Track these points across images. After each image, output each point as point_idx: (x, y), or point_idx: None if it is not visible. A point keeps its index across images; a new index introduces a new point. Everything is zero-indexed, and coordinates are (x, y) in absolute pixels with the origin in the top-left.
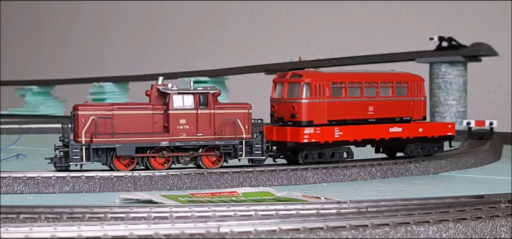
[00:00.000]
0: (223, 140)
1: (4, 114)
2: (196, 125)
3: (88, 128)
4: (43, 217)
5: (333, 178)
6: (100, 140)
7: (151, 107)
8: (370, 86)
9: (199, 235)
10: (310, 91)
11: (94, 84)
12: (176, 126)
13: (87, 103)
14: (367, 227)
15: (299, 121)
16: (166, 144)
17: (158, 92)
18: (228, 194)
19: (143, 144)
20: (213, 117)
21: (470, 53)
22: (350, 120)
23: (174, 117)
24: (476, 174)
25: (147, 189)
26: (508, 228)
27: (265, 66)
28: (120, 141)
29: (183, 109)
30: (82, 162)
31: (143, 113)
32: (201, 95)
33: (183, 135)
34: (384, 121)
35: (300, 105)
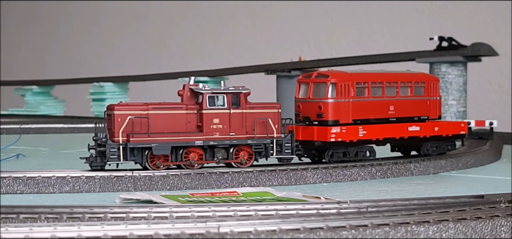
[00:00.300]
0: (254, 139)
1: (4, 114)
2: (229, 124)
3: (125, 127)
4: (43, 217)
5: (333, 178)
6: (137, 140)
7: (185, 107)
8: (390, 86)
9: (199, 235)
10: (336, 91)
11: (94, 84)
12: (210, 125)
13: (122, 103)
14: (367, 227)
15: (326, 120)
16: (200, 143)
17: (191, 92)
18: (228, 194)
19: (179, 143)
20: (245, 117)
21: (470, 53)
22: (373, 119)
23: (208, 117)
24: (476, 174)
25: (147, 189)
26: (508, 228)
27: (265, 66)
28: (156, 140)
29: (216, 109)
30: (119, 161)
31: (178, 113)
32: (233, 95)
33: (217, 134)
34: (403, 120)
35: (326, 105)
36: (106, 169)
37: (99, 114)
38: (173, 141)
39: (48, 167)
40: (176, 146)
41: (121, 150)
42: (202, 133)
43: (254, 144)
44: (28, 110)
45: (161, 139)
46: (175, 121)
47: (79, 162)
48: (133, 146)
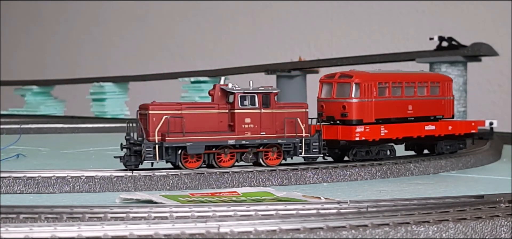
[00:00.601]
0: (284, 138)
1: (4, 114)
2: (260, 124)
3: (161, 127)
4: (43, 217)
5: (333, 178)
6: (172, 139)
7: (217, 106)
8: (409, 86)
9: (199, 235)
10: (360, 91)
11: (94, 84)
12: (241, 124)
13: (156, 103)
14: (367, 227)
15: (350, 119)
16: (233, 143)
17: (222, 91)
18: (228, 194)
19: (212, 142)
20: (275, 117)
21: (470, 53)
22: (393, 119)
23: (240, 117)
24: (476, 174)
25: (147, 189)
26: (508, 228)
27: (265, 66)
28: (191, 140)
29: (248, 109)
30: (155, 160)
31: (211, 112)
32: (264, 95)
33: (248, 133)
34: (421, 119)
35: (350, 105)
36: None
37: (99, 114)
38: (207, 140)
39: (48, 167)
40: (209, 145)
41: (157, 149)
42: (234, 132)
43: (284, 143)
44: (28, 110)
45: (196, 138)
46: (208, 120)
47: (79, 162)
48: (169, 145)
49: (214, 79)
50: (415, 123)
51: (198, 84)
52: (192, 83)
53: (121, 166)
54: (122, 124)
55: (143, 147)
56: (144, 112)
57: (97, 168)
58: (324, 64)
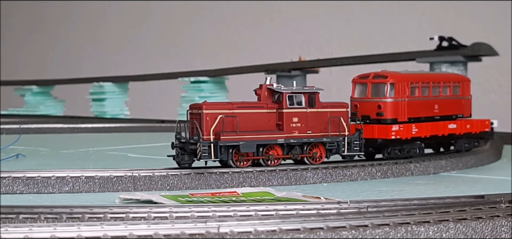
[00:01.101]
0: (329, 137)
1: (4, 114)
2: (306, 123)
3: (216, 126)
4: (43, 217)
5: (333, 178)
6: (227, 138)
7: (266, 106)
8: (435, 86)
9: (199, 235)
10: (394, 91)
11: (94, 84)
12: (289, 124)
13: (208, 103)
14: (367, 227)
15: (385, 118)
16: (282, 141)
17: (268, 91)
18: (228, 194)
19: (263, 141)
20: (319, 116)
21: (470, 53)
22: (422, 117)
23: (288, 116)
24: (476, 174)
25: (147, 189)
26: (508, 228)
27: (265, 66)
28: (243, 138)
29: (295, 108)
30: (210, 158)
31: (261, 112)
32: (309, 95)
33: (296, 132)
34: (445, 118)
35: (386, 104)
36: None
37: (99, 114)
38: (258, 139)
39: (47, 167)
40: (260, 143)
41: (212, 148)
42: (282, 131)
43: (328, 142)
44: (28, 110)
45: (248, 137)
46: (258, 119)
47: (78, 162)
48: (223, 144)
49: (214, 79)
50: (440, 121)
51: (198, 84)
52: (192, 83)
53: (120, 166)
54: (122, 124)
55: (199, 146)
56: (196, 112)
57: (97, 168)
58: (324, 64)
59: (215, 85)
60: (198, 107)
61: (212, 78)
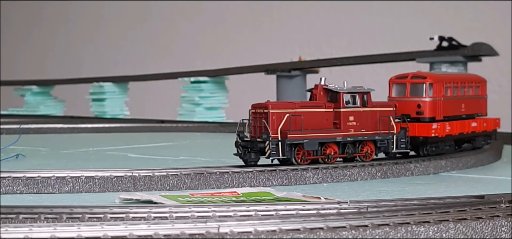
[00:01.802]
0: (380, 135)
1: (4, 114)
2: (360, 121)
3: (283, 125)
4: (43, 217)
5: (333, 178)
6: (294, 136)
7: (324, 105)
8: (462, 86)
9: (199, 235)
10: (433, 91)
11: (94, 84)
12: (346, 122)
13: (273, 102)
14: (367, 227)
15: (424, 117)
16: (340, 140)
17: (324, 91)
18: (228, 194)
19: (324, 139)
20: (372, 115)
21: (470, 53)
22: (453, 116)
23: (345, 115)
24: (476, 174)
25: (147, 189)
26: (508, 228)
27: (265, 66)
28: (308, 137)
29: (352, 108)
30: (278, 156)
31: (320, 111)
32: (363, 94)
33: (352, 130)
34: (469, 117)
35: (425, 103)
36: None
37: (99, 114)
38: (320, 137)
39: (47, 167)
40: (321, 142)
41: (280, 146)
42: (339, 129)
43: (380, 140)
44: (28, 110)
45: (311, 135)
46: (318, 118)
47: (78, 162)
48: (290, 142)
49: (214, 79)
50: (466, 120)
51: (198, 84)
52: (192, 83)
53: (120, 166)
54: (122, 124)
55: (268, 144)
56: (261, 111)
57: (97, 168)
58: (324, 64)
59: (215, 85)
60: (264, 106)
61: (212, 78)
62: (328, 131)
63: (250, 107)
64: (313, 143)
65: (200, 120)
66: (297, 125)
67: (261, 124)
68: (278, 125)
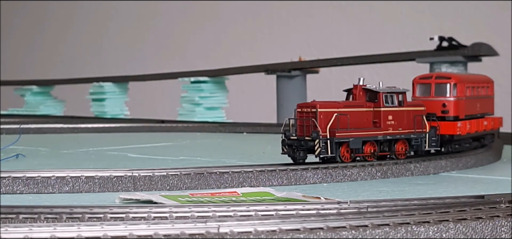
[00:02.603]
0: (415, 133)
1: (4, 114)
2: (398, 120)
3: (332, 123)
4: (43, 217)
5: (333, 178)
6: (342, 134)
7: (365, 105)
8: (477, 86)
9: (199, 235)
10: (456, 91)
11: (93, 84)
12: (386, 121)
13: (320, 102)
14: (367, 227)
15: (449, 116)
16: (381, 138)
17: (362, 91)
18: (228, 194)
19: (366, 137)
20: (407, 114)
21: (470, 53)
22: (471, 115)
23: (385, 114)
24: (476, 174)
25: (147, 189)
26: (508, 229)
27: (265, 66)
28: (353, 135)
29: (390, 107)
30: (327, 154)
31: (363, 110)
32: (400, 94)
33: (390, 129)
34: (481, 116)
35: (450, 103)
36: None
37: (99, 114)
38: (364, 135)
39: (47, 167)
40: (364, 140)
41: (329, 144)
42: (379, 128)
43: (414, 138)
44: (28, 110)
45: (356, 133)
46: (360, 117)
47: (78, 161)
48: (338, 140)
49: (214, 79)
50: (480, 119)
51: (198, 84)
52: (192, 83)
53: (120, 166)
54: (122, 124)
55: (318, 142)
56: (309, 111)
57: (97, 168)
58: (324, 64)
59: (215, 85)
60: (312, 106)
61: (212, 78)
62: (370, 129)
63: (296, 106)
64: (358, 141)
65: (200, 119)
66: (343, 124)
67: (309, 122)
68: (326, 124)
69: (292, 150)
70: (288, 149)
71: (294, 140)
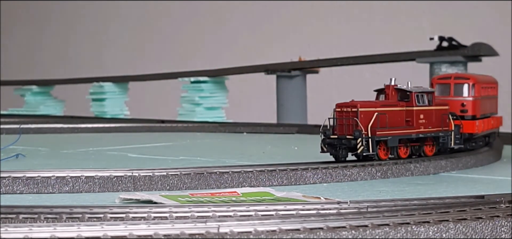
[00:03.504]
0: (442, 132)
1: (4, 114)
2: (428, 119)
3: (373, 122)
4: (43, 217)
5: (333, 178)
6: (382, 133)
7: (398, 104)
8: (487, 87)
9: (199, 235)
10: (474, 91)
11: (94, 84)
12: (418, 120)
13: (361, 101)
14: (367, 227)
15: (468, 115)
16: (414, 137)
17: (394, 91)
18: (228, 194)
19: (402, 136)
20: (436, 113)
21: (470, 53)
22: (483, 115)
23: (417, 113)
24: (476, 174)
25: (147, 189)
26: (508, 229)
27: (265, 66)
28: (391, 134)
29: (422, 107)
30: (369, 152)
31: (397, 109)
32: (429, 94)
33: (422, 128)
34: (489, 116)
35: (469, 102)
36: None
37: (99, 114)
38: (400, 134)
39: (47, 167)
40: (400, 138)
41: (370, 142)
42: (412, 127)
43: (442, 136)
44: (28, 110)
45: (394, 132)
46: (397, 116)
47: (78, 162)
48: (378, 138)
49: (214, 79)
50: (489, 118)
51: (198, 84)
52: (192, 83)
53: (120, 166)
54: (122, 124)
55: (361, 141)
56: (349, 110)
57: (97, 168)
58: (324, 64)
59: (215, 85)
60: (353, 105)
61: (212, 78)
62: (405, 128)
63: (335, 106)
64: (395, 140)
65: (200, 119)
66: (382, 123)
67: (349, 122)
68: (366, 123)
69: (334, 149)
70: (329, 147)
71: (335, 138)
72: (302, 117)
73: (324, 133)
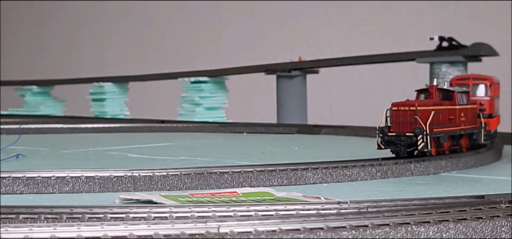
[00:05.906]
0: (475, 129)
1: (4, 114)
2: (467, 117)
3: (431, 120)
4: (43, 217)
5: (333, 178)
6: (438, 130)
7: (442, 103)
8: (495, 87)
9: (199, 235)
10: (491, 91)
11: (93, 84)
12: (460, 118)
13: (415, 100)
14: (367, 227)
15: (485, 114)
16: (457, 133)
17: (437, 91)
18: (228, 194)
19: (451, 133)
20: (471, 111)
21: (470, 53)
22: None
23: (459, 112)
24: (477, 174)
25: (147, 189)
26: (508, 229)
27: (265, 66)
28: (444, 131)
29: (463, 105)
30: (428, 148)
31: (443, 108)
32: (466, 94)
33: (462, 125)
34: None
35: (487, 102)
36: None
37: (99, 114)
38: (450, 131)
39: (47, 167)
40: (449, 135)
41: (429, 139)
42: (456, 124)
43: (475, 133)
44: (28, 110)
45: (445, 129)
46: (445, 115)
47: (78, 161)
48: (434, 135)
49: (214, 79)
50: (495, 117)
51: (198, 84)
52: (192, 83)
53: (120, 166)
54: (122, 124)
55: (422, 137)
56: (406, 109)
57: (97, 168)
58: (324, 64)
59: (215, 85)
60: (410, 104)
61: (212, 78)
62: (451, 125)
63: (391, 105)
64: (445, 136)
65: (200, 120)
66: (437, 121)
67: (407, 120)
68: (424, 121)
69: (395, 145)
70: (387, 145)
71: (393, 136)
72: (302, 117)
73: (382, 131)
